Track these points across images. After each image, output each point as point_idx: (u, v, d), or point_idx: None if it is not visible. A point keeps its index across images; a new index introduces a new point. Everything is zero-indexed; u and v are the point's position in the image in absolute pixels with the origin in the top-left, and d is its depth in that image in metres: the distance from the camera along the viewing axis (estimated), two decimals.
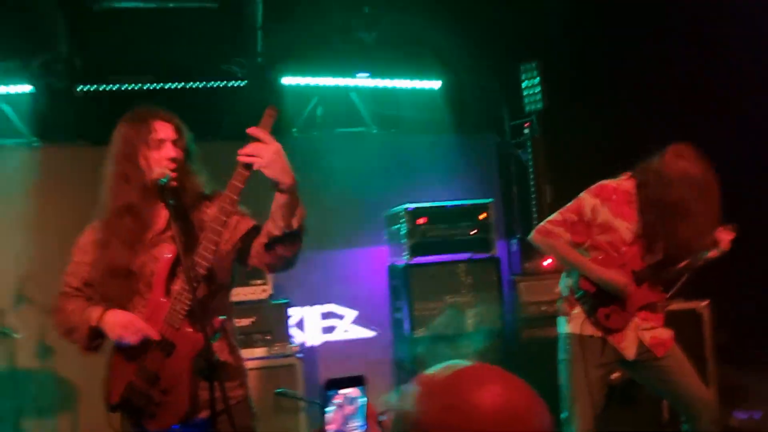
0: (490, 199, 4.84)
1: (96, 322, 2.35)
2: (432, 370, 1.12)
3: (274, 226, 2.29)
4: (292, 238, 2.31)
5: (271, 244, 2.33)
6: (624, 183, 3.19)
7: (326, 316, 5.01)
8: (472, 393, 1.02)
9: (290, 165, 2.23)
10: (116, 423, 2.44)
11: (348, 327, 5.03)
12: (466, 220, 4.73)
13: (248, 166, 2.25)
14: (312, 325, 4.96)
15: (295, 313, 4.81)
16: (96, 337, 2.40)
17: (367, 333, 5.03)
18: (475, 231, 4.73)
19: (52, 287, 4.41)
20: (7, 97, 4.65)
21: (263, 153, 2.19)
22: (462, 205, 4.77)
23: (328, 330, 5.00)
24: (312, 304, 4.96)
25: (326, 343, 5.00)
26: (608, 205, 3.13)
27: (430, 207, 4.69)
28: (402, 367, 4.81)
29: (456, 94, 5.39)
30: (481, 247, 4.74)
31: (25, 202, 4.65)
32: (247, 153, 2.21)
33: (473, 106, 5.42)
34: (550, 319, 3.74)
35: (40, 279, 4.55)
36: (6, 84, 4.54)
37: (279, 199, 2.25)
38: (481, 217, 4.75)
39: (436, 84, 5.35)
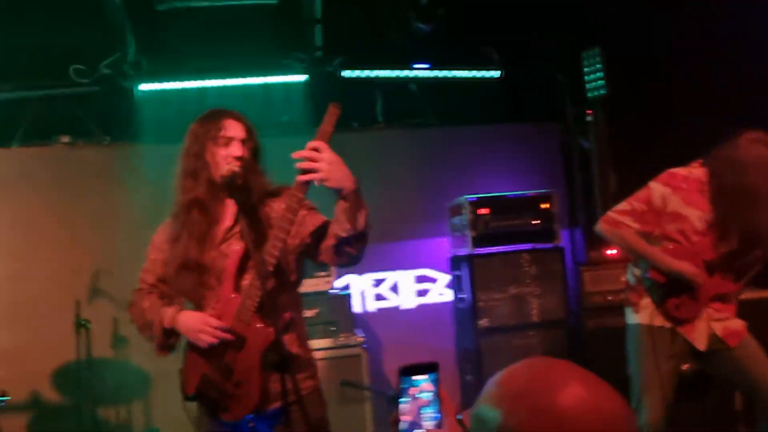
0: (552, 189, 4.78)
1: (168, 323, 2.43)
2: (509, 369, 1.11)
3: (339, 228, 2.31)
4: (357, 238, 2.34)
5: (339, 244, 2.37)
6: (695, 171, 3.11)
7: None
8: (556, 396, 1.01)
9: (349, 170, 2.24)
10: (192, 412, 2.51)
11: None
12: (528, 210, 4.68)
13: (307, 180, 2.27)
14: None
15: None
16: (170, 336, 2.49)
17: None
18: (539, 221, 4.68)
19: (125, 281, 4.58)
20: (78, 98, 4.81)
21: (320, 167, 2.21)
22: (524, 195, 4.72)
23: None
24: (375, 295, 5.00)
25: (389, 331, 5.02)
26: (679, 193, 3.06)
27: (493, 198, 4.66)
28: (465, 358, 4.81)
29: (516, 84, 5.32)
30: (545, 237, 4.69)
31: (99, 199, 4.83)
32: (304, 167, 2.24)
33: (534, 95, 5.34)
34: (616, 309, 3.68)
35: (114, 273, 4.73)
36: (78, 86, 4.70)
37: (342, 205, 2.28)
38: (543, 206, 4.69)
39: (495, 73, 5.29)
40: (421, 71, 5.12)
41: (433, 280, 5.05)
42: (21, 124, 4.81)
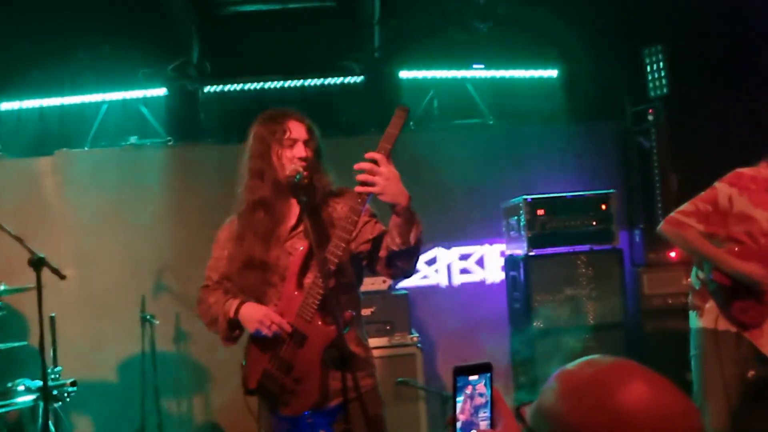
0: (611, 189, 4.71)
1: (233, 314, 2.51)
2: (571, 366, 1.11)
3: (392, 242, 2.38)
4: (409, 253, 2.40)
5: (391, 258, 2.43)
6: (763, 171, 3.03)
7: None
8: (619, 393, 1.01)
9: (403, 187, 2.29)
10: (253, 406, 2.59)
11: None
12: (586, 210, 4.62)
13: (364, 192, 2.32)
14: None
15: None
16: (234, 328, 2.56)
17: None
18: (596, 222, 4.62)
19: (187, 278, 4.76)
20: (145, 100, 4.99)
21: (377, 180, 2.27)
22: (582, 195, 4.66)
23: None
24: (430, 294, 5.01)
25: (444, 332, 5.03)
26: (746, 194, 2.99)
27: (550, 198, 4.61)
28: (520, 358, 4.78)
29: (574, 82, 5.26)
30: (603, 238, 4.62)
31: (163, 197, 4.99)
32: (362, 179, 2.29)
33: (592, 94, 5.27)
34: (676, 312, 3.61)
35: (176, 269, 4.88)
36: (144, 88, 4.87)
37: (396, 220, 2.34)
38: (602, 207, 4.63)
39: (553, 72, 5.25)
40: (479, 71, 5.11)
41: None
42: (92, 127, 5.02)
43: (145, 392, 4.61)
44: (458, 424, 1.31)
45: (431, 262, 5.08)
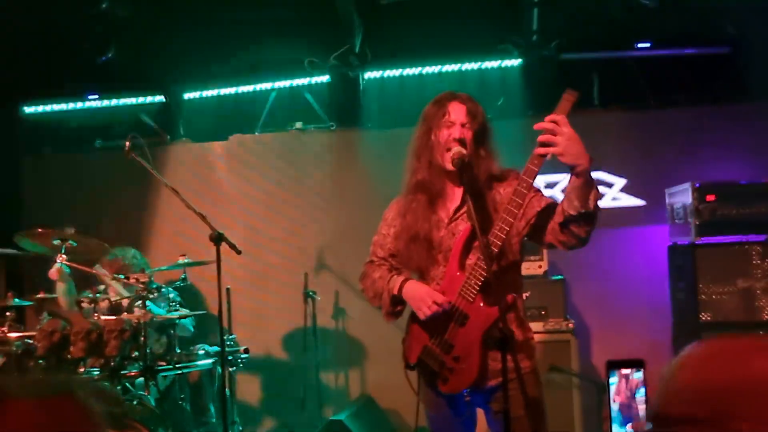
0: None
1: (398, 290, 2.61)
2: (704, 340, 1.08)
3: (570, 206, 2.34)
4: (587, 217, 2.35)
5: (566, 222, 2.38)
6: None
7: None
8: (752, 363, 0.98)
9: (584, 148, 2.25)
10: (413, 380, 2.68)
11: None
12: (763, 198, 4.30)
13: (544, 154, 2.32)
14: None
15: None
16: (397, 303, 2.66)
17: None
18: None
19: (347, 257, 4.98)
20: (310, 87, 5.24)
21: (558, 141, 2.25)
22: (758, 181, 4.34)
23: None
24: (590, 282, 4.89)
25: (600, 320, 4.90)
26: None
27: (721, 183, 4.34)
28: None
29: (750, 58, 4.86)
30: None
31: (325, 180, 5.24)
32: (542, 141, 2.28)
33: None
34: None
35: (336, 248, 5.12)
36: (309, 76, 5.12)
37: (574, 182, 2.30)
38: None
39: (724, 49, 4.89)
40: (643, 51, 4.87)
41: None
42: (262, 113, 5.37)
43: (306, 364, 4.89)
44: (614, 406, 1.31)
45: None
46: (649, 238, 4.88)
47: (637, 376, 1.24)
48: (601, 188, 4.82)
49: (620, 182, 4.90)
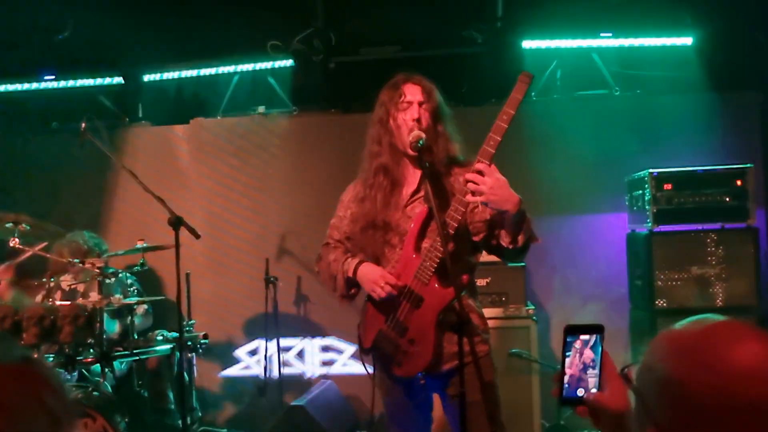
0: (749, 164, 4.42)
1: (352, 272, 2.60)
2: (677, 325, 1.08)
3: (503, 239, 2.45)
4: (516, 251, 2.46)
5: (498, 249, 2.52)
6: None
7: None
8: (730, 352, 0.97)
9: (512, 193, 2.34)
10: (369, 365, 2.68)
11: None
12: (719, 186, 4.36)
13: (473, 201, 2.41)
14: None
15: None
16: (351, 286, 2.66)
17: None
18: (729, 198, 4.36)
19: (309, 242, 4.95)
20: (272, 71, 5.18)
21: (482, 189, 2.31)
22: (715, 170, 4.40)
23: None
24: (550, 268, 4.94)
25: (560, 306, 4.96)
26: None
27: (678, 172, 4.39)
28: (640, 338, 4.64)
29: (711, 50, 4.93)
30: (736, 215, 4.35)
31: (287, 164, 5.20)
32: (471, 189, 2.35)
33: (731, 62, 4.92)
34: None
35: (298, 233, 5.10)
36: (272, 59, 5.06)
37: (507, 220, 2.38)
38: (737, 183, 4.35)
39: (687, 40, 4.95)
40: (606, 40, 4.90)
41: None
42: (223, 96, 5.29)
43: (267, 349, 4.86)
44: (566, 378, 1.32)
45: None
46: (609, 226, 4.94)
47: (593, 352, 1.25)
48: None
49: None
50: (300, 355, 5.11)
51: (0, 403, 0.77)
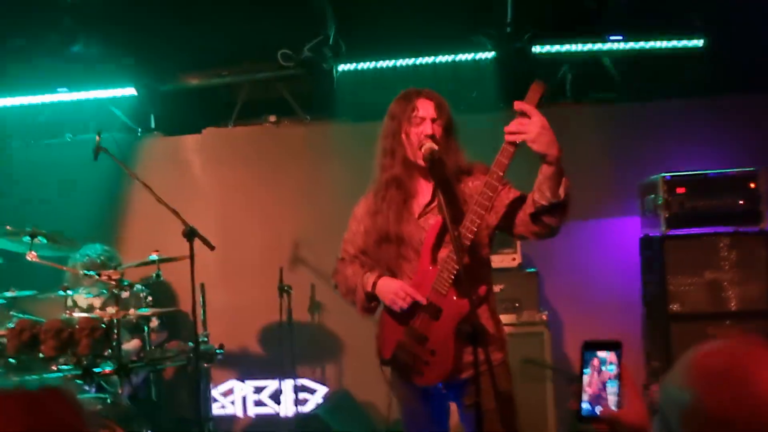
0: (760, 167, 4.40)
1: (371, 287, 2.62)
2: (703, 349, 1.08)
3: (541, 197, 2.36)
4: (558, 207, 2.37)
5: (537, 213, 2.40)
6: None
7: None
8: (758, 380, 0.97)
9: (555, 137, 2.27)
10: (387, 375, 2.69)
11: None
12: (731, 189, 4.36)
13: (514, 142, 2.33)
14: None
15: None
16: (371, 300, 2.67)
17: None
18: (742, 202, 4.35)
19: (323, 250, 4.96)
20: (283, 80, 5.20)
21: (529, 128, 2.26)
22: (727, 173, 4.40)
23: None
24: (562, 274, 4.93)
25: (573, 312, 4.95)
26: None
27: (691, 175, 4.39)
28: (653, 343, 4.63)
29: (723, 51, 4.91)
30: (749, 219, 4.34)
31: (299, 173, 5.22)
32: (512, 130, 2.29)
33: (744, 63, 4.90)
34: None
35: (311, 242, 5.11)
36: (283, 69, 5.07)
37: (545, 171, 2.32)
38: (750, 186, 4.34)
39: (698, 42, 4.93)
40: (616, 43, 4.89)
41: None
42: (235, 106, 5.32)
43: (282, 358, 4.88)
44: (584, 397, 1.32)
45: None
46: (622, 230, 4.94)
47: (610, 368, 1.25)
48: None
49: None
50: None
51: (44, 422, 0.79)
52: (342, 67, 5.09)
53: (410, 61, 5.05)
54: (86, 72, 5.09)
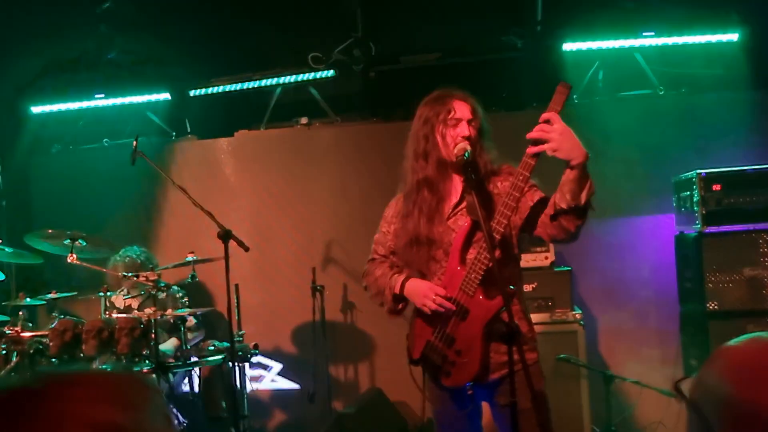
0: None
1: (399, 289, 2.63)
2: (735, 342, 1.07)
3: (561, 199, 2.35)
4: (577, 212, 2.36)
5: (556, 215, 2.40)
6: None
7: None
8: None
9: (579, 142, 2.27)
10: (417, 375, 2.71)
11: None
12: None
13: (537, 151, 2.33)
14: None
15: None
16: (399, 301, 2.69)
17: None
18: None
19: (354, 251, 5.00)
20: (314, 82, 5.25)
21: (550, 135, 2.27)
22: (765, 169, 4.31)
23: None
24: (596, 272, 4.88)
25: (607, 310, 4.90)
26: None
27: (727, 172, 4.31)
28: (691, 341, 4.57)
29: (759, 45, 4.81)
30: None
31: (331, 174, 5.26)
32: (533, 137, 2.30)
33: None
34: None
35: (343, 242, 5.15)
36: (313, 71, 5.12)
37: (569, 174, 2.31)
38: None
39: (733, 36, 4.84)
40: (649, 39, 4.83)
41: None
42: (266, 109, 5.38)
43: (315, 357, 4.92)
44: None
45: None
46: (656, 228, 4.87)
47: None
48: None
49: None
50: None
51: (129, 402, 0.83)
52: (372, 69, 5.11)
53: (440, 62, 5.05)
54: (122, 78, 5.20)
